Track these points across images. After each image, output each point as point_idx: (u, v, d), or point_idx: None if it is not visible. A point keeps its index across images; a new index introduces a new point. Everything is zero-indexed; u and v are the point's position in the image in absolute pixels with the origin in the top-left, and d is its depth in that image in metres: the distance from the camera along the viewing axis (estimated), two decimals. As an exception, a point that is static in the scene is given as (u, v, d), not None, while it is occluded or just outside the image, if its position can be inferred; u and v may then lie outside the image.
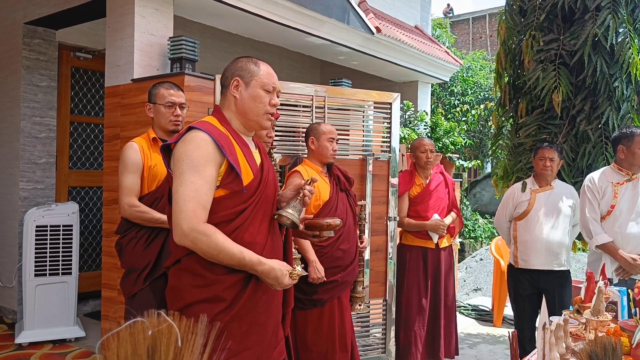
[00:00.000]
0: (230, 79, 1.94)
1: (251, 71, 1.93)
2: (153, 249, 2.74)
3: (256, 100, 1.92)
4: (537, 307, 3.90)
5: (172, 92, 2.86)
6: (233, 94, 1.93)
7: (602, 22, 4.09)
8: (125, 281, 2.78)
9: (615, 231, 3.47)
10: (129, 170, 2.74)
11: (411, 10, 7.02)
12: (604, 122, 4.13)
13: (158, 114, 2.85)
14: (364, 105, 3.95)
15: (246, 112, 1.93)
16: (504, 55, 4.85)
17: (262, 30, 4.86)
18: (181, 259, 1.86)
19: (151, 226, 2.74)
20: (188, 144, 1.79)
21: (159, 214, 2.73)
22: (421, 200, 4.06)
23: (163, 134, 2.87)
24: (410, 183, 4.08)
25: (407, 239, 4.10)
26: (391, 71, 6.50)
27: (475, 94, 11.46)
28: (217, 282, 1.83)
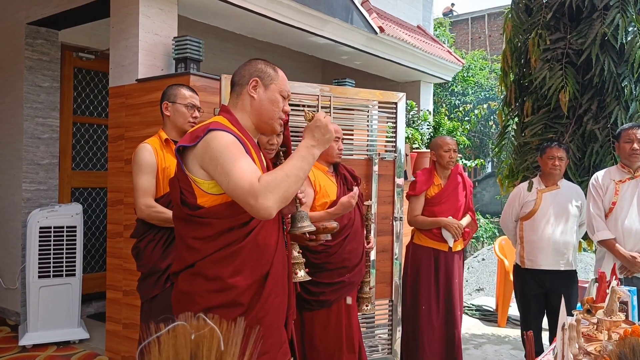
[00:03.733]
0: (249, 78, 1.94)
1: (271, 75, 1.95)
2: (172, 249, 2.68)
3: (274, 104, 1.94)
4: (543, 307, 3.88)
5: (192, 94, 2.90)
6: (250, 94, 1.93)
7: (611, 21, 4.07)
8: (144, 284, 2.74)
9: (617, 228, 3.46)
10: (143, 171, 2.72)
11: (413, 10, 7.01)
12: (612, 122, 4.11)
13: (177, 113, 2.84)
14: (368, 105, 3.92)
15: (261, 114, 1.94)
16: (510, 53, 4.83)
17: (266, 30, 4.84)
18: (195, 263, 1.83)
19: (169, 227, 2.70)
20: (218, 141, 1.77)
21: None
22: (438, 202, 3.95)
23: (176, 135, 2.86)
24: (429, 182, 3.98)
25: (419, 239, 3.99)
26: (394, 71, 6.48)
27: (475, 94, 11.45)
28: (233, 286, 1.81)
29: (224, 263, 1.80)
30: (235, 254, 1.82)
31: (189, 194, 1.83)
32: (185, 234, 1.85)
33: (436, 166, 4.07)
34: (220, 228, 1.81)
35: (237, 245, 1.82)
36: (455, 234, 3.93)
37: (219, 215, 1.81)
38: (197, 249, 1.81)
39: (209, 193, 1.82)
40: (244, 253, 1.83)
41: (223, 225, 1.81)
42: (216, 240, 1.81)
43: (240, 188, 1.69)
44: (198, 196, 1.82)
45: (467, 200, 4.15)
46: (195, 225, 1.83)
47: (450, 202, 4.03)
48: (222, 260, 1.80)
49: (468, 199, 4.16)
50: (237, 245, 1.82)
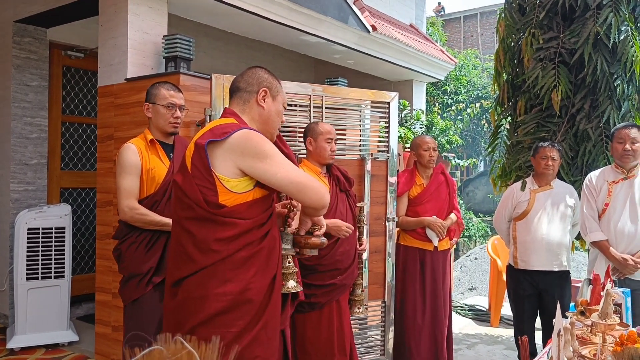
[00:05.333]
0: (258, 87, 1.99)
1: (277, 87, 2.04)
2: (155, 252, 2.69)
3: (278, 115, 2.04)
4: (536, 307, 3.87)
5: (173, 93, 2.81)
6: (260, 103, 1.98)
7: (604, 20, 4.05)
8: (126, 287, 2.72)
9: (609, 229, 3.45)
10: (127, 172, 2.68)
11: (406, 8, 6.98)
12: (605, 121, 4.09)
13: (157, 115, 2.79)
14: (361, 104, 3.89)
15: (268, 124, 2.01)
16: (503, 53, 4.81)
17: (258, 29, 4.80)
18: (209, 266, 1.81)
19: (152, 229, 2.69)
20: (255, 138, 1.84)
21: (160, 217, 2.68)
22: (421, 201, 3.99)
23: (160, 135, 2.81)
24: (410, 183, 4.01)
25: (405, 239, 4.02)
26: (386, 70, 6.45)
27: (468, 93, 11.45)
28: (248, 287, 1.82)
29: (244, 264, 1.81)
30: (255, 255, 1.84)
31: (210, 192, 1.81)
32: (204, 235, 1.82)
33: (417, 166, 4.08)
34: (242, 228, 1.82)
35: (258, 247, 1.84)
36: (439, 233, 3.93)
37: (242, 215, 1.82)
38: (217, 251, 1.80)
39: (232, 191, 1.81)
40: (262, 255, 1.86)
41: (245, 226, 1.82)
42: (237, 240, 1.82)
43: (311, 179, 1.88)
44: (220, 194, 1.81)
45: (451, 199, 4.15)
46: (216, 225, 1.81)
47: (434, 201, 4.03)
48: (242, 262, 1.81)
49: (452, 198, 4.16)
50: (258, 247, 1.84)
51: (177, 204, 1.92)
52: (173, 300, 1.89)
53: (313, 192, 1.83)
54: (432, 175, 4.07)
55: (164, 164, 2.77)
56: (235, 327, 1.80)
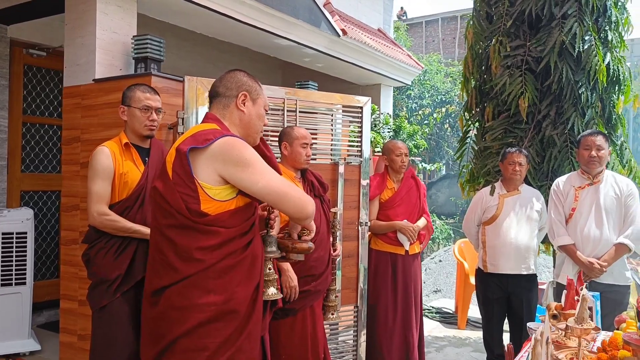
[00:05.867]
0: (237, 92, 1.95)
1: (257, 89, 2.00)
2: (124, 259, 2.64)
3: (260, 118, 2.00)
4: (505, 310, 3.94)
5: (149, 95, 2.75)
6: (240, 108, 1.95)
7: (569, 29, 4.16)
8: (94, 293, 2.66)
9: (576, 234, 3.53)
10: (99, 176, 2.62)
11: (374, 13, 7.02)
12: (570, 128, 4.20)
13: (133, 118, 2.73)
14: (333, 108, 3.88)
15: (249, 128, 1.98)
16: (471, 60, 4.89)
17: (229, 31, 4.74)
18: (192, 275, 1.77)
19: (122, 236, 2.63)
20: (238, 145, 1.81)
21: (130, 223, 2.63)
22: (392, 205, 4.02)
23: (136, 139, 2.76)
24: (381, 187, 4.04)
25: (376, 244, 4.03)
26: (355, 74, 6.47)
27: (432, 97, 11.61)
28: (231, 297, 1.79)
29: (228, 273, 1.78)
30: (239, 264, 1.81)
31: (192, 200, 1.78)
32: (186, 243, 1.78)
33: (388, 170, 4.11)
34: (225, 237, 1.79)
35: (241, 255, 1.82)
36: (411, 237, 3.97)
37: (225, 223, 1.79)
38: (200, 260, 1.77)
39: (214, 199, 1.78)
40: (246, 263, 1.83)
41: (228, 234, 1.79)
42: (219, 249, 1.78)
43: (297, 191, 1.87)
44: (202, 201, 1.78)
45: (421, 203, 4.20)
46: (198, 234, 1.78)
47: (404, 205, 4.07)
48: (225, 271, 1.78)
49: (422, 202, 4.21)
50: (241, 255, 1.82)
51: (158, 211, 1.87)
52: (153, 309, 1.84)
53: (294, 202, 1.81)
54: (403, 179, 4.11)
55: (138, 168, 2.71)
56: (219, 337, 1.77)
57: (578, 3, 4.24)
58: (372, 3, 6.92)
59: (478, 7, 4.90)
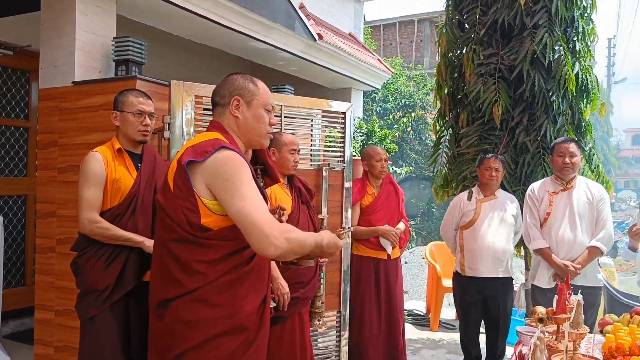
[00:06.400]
0: (229, 98, 1.89)
1: (251, 90, 1.90)
2: (114, 268, 2.58)
3: (259, 120, 1.91)
4: (482, 313, 4.03)
5: (142, 100, 2.71)
6: (234, 114, 1.89)
7: (540, 39, 4.30)
8: (82, 303, 2.60)
9: (551, 237, 3.65)
10: (90, 182, 2.56)
11: (345, 17, 7.07)
12: (542, 135, 4.34)
13: (125, 123, 2.67)
14: (315, 113, 3.88)
15: (249, 132, 1.91)
16: (444, 67, 4.99)
17: (206, 33, 4.68)
18: (198, 289, 1.72)
19: (113, 244, 2.57)
20: (231, 161, 1.73)
21: (122, 231, 2.58)
22: (373, 210, 4.06)
23: (129, 144, 2.71)
24: (362, 192, 4.07)
25: (358, 249, 4.06)
26: (327, 78, 6.50)
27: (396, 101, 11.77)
28: (239, 311, 1.75)
29: (232, 287, 1.74)
30: (243, 277, 1.77)
31: (192, 214, 1.73)
32: (188, 257, 1.74)
33: (368, 176, 4.15)
34: (227, 250, 1.74)
35: (245, 268, 1.77)
36: (394, 241, 4.02)
37: (226, 237, 1.74)
38: (203, 273, 1.72)
39: (214, 213, 1.74)
40: (251, 276, 1.79)
41: (230, 248, 1.74)
42: (223, 263, 1.74)
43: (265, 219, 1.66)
44: (203, 215, 1.73)
45: (400, 207, 4.25)
46: (200, 247, 1.73)
47: (385, 210, 4.12)
48: (230, 284, 1.74)
49: (401, 207, 4.27)
50: (245, 268, 1.77)
51: (160, 225, 1.84)
52: (159, 323, 1.80)
53: (257, 237, 1.64)
54: (382, 184, 4.16)
55: (130, 174, 2.66)
56: (226, 351, 1.74)
57: (548, 14, 4.39)
58: (343, 7, 6.97)
59: (451, 14, 4.99)
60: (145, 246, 2.61)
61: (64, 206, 3.45)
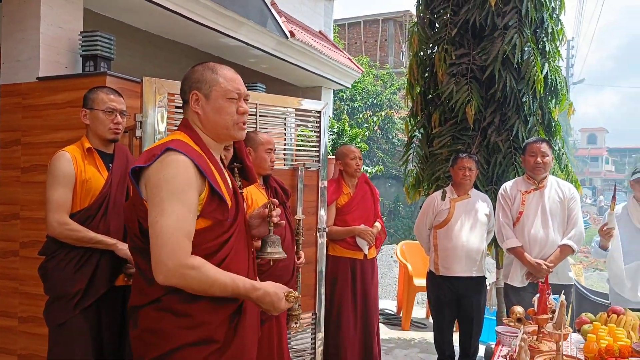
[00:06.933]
0: (189, 93, 1.74)
1: (209, 81, 1.73)
2: (85, 272, 2.49)
3: (221, 112, 1.72)
4: (456, 312, 4.04)
5: (113, 97, 2.61)
6: (195, 110, 1.73)
7: (510, 40, 4.33)
8: (51, 308, 2.50)
9: (523, 236, 3.69)
10: (59, 183, 2.46)
11: (316, 15, 7.02)
12: (514, 135, 4.38)
13: (96, 121, 2.56)
14: (290, 112, 3.82)
15: (214, 127, 1.74)
16: (416, 66, 4.98)
17: (176, 29, 4.56)
18: (161, 298, 1.62)
19: (83, 247, 2.48)
20: (166, 167, 1.59)
21: (93, 233, 2.48)
22: (349, 210, 4.02)
23: (99, 143, 2.61)
24: (338, 192, 4.03)
25: (334, 249, 4.02)
26: (298, 76, 6.44)
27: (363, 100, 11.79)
28: (206, 322, 1.64)
29: (197, 297, 1.61)
30: None
31: (145, 222, 1.63)
32: (145, 266, 1.64)
33: (343, 175, 4.12)
34: None
35: None
36: (370, 241, 4.00)
37: None
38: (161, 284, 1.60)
39: None
40: None
41: None
42: None
43: (166, 244, 1.53)
44: None
45: (376, 207, 4.23)
46: None
47: (361, 210, 4.10)
48: (191, 294, 1.61)
49: (376, 207, 4.25)
50: None
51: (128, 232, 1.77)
52: (133, 330, 1.73)
53: (153, 259, 1.55)
54: (358, 184, 4.13)
55: (101, 174, 2.57)
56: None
57: (518, 15, 4.43)
58: (313, 5, 6.92)
59: (421, 14, 4.99)
60: (117, 249, 2.52)
61: (28, 208, 3.30)
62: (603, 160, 54.06)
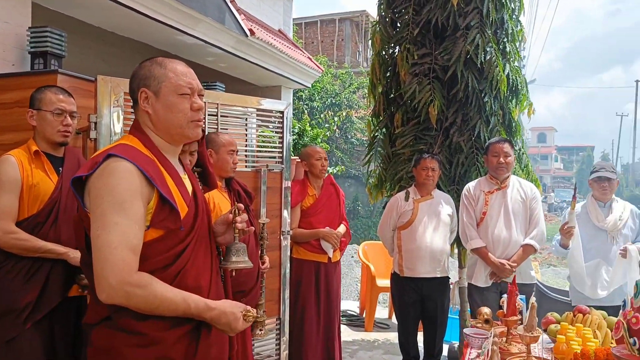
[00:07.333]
0: (137, 91, 1.61)
1: (157, 76, 1.60)
2: (35, 284, 2.36)
3: (172, 109, 1.60)
4: (420, 313, 4.03)
5: (62, 97, 2.47)
6: (144, 109, 1.61)
7: (472, 40, 4.34)
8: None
9: (487, 237, 3.70)
10: (4, 189, 2.32)
11: (275, 13, 6.91)
12: (476, 135, 4.39)
13: (43, 123, 2.42)
14: (251, 112, 3.72)
15: (166, 127, 1.62)
16: (378, 66, 4.94)
17: (130, 25, 4.38)
18: (111, 316, 1.50)
19: (32, 256, 2.33)
20: (108, 176, 1.46)
21: (42, 242, 2.35)
22: (314, 212, 3.96)
23: (48, 147, 2.47)
24: (303, 194, 3.96)
25: (298, 252, 3.95)
26: (257, 75, 6.32)
27: (322, 99, 11.74)
28: (161, 340, 1.52)
29: (142, 314, 1.49)
30: None
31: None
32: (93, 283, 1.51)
33: (309, 176, 4.05)
34: None
35: None
36: (335, 244, 3.94)
37: None
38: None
39: None
40: None
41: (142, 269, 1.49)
42: None
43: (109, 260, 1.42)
44: None
45: (341, 209, 4.18)
46: None
47: (326, 212, 4.04)
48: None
49: (341, 209, 4.20)
50: None
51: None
52: (89, 348, 1.60)
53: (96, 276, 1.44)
54: (323, 186, 4.07)
55: (50, 179, 2.42)
56: None
57: (480, 15, 4.44)
58: (272, 3, 6.81)
59: (383, 13, 4.96)
60: (69, 257, 2.39)
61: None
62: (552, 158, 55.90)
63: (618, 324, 1.55)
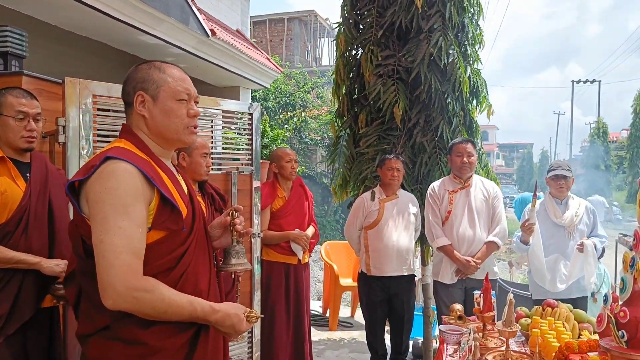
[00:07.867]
0: (133, 94, 1.59)
1: (156, 81, 1.59)
2: (7, 296, 2.25)
3: (170, 115, 1.59)
4: (387, 311, 4.09)
5: (24, 101, 2.35)
6: (140, 113, 1.59)
7: (435, 42, 4.44)
8: None
9: (452, 235, 3.81)
10: None
11: (233, 13, 6.84)
12: (439, 135, 4.49)
13: (5, 128, 2.31)
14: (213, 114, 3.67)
15: (162, 132, 1.61)
16: (343, 66, 4.98)
17: (90, 24, 4.24)
18: (110, 325, 1.47)
19: (3, 268, 2.23)
20: (108, 179, 1.44)
21: (13, 252, 2.24)
22: (283, 214, 3.95)
23: (12, 153, 2.35)
24: (272, 196, 3.94)
25: (268, 254, 3.94)
26: (217, 75, 6.25)
27: (277, 100, 11.70)
28: (162, 349, 1.49)
29: (147, 322, 1.47)
30: None
31: (89, 240, 1.47)
32: (91, 290, 1.48)
33: (278, 178, 4.05)
34: None
35: None
36: (305, 246, 3.96)
37: None
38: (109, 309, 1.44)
39: None
40: None
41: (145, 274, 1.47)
42: None
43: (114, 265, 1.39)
44: None
45: (310, 211, 4.20)
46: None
47: (295, 214, 4.05)
48: (143, 320, 1.47)
49: (311, 211, 4.22)
50: None
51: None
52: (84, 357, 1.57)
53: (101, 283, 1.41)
54: (292, 187, 4.07)
55: (18, 186, 2.31)
56: None
57: (442, 18, 4.54)
58: (230, 3, 6.74)
59: (347, 15, 4.99)
60: (42, 267, 2.29)
61: None
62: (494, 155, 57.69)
63: (600, 317, 1.63)
